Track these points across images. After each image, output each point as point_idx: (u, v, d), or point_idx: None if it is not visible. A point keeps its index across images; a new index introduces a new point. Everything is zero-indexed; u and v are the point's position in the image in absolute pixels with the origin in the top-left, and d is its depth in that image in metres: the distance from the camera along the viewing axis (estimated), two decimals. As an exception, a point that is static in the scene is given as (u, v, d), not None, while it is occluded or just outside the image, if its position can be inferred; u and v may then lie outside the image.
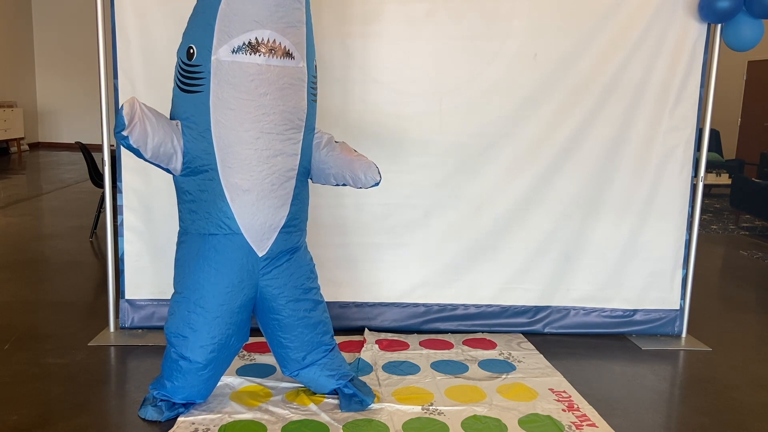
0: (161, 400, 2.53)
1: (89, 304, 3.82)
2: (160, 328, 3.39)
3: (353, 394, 2.64)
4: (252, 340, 3.29)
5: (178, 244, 2.53)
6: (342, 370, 2.70)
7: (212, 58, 2.27)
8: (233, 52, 2.25)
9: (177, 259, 2.53)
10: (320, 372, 2.65)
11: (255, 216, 2.40)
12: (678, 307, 3.56)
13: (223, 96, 2.30)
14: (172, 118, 2.43)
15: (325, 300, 3.45)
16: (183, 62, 2.35)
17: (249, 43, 2.25)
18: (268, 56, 2.28)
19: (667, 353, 3.37)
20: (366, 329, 3.44)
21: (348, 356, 3.11)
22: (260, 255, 2.45)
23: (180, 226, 2.53)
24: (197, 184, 2.40)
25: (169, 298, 3.34)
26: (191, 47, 2.31)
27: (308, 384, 2.70)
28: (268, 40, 2.27)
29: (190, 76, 2.32)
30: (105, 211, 3.49)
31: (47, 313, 3.67)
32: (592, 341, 3.48)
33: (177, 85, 2.38)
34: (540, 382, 2.93)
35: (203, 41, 2.28)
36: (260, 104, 2.32)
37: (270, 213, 2.43)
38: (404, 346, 3.30)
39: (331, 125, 3.29)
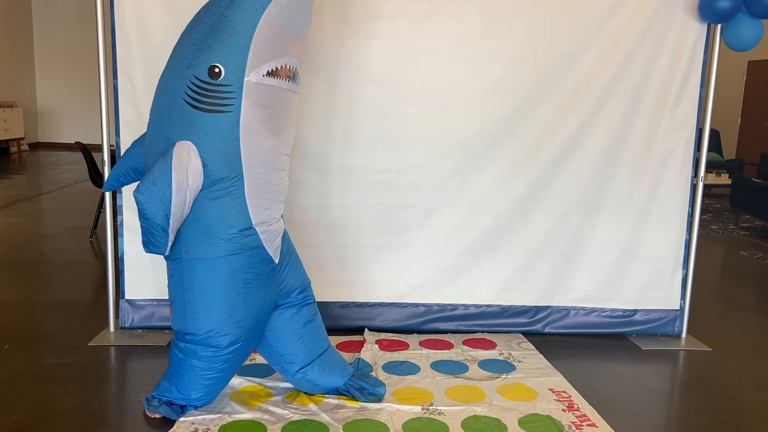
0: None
1: (89, 304, 3.82)
2: (160, 328, 3.40)
3: (362, 388, 2.66)
4: (252, 340, 3.30)
5: (187, 272, 2.38)
6: (345, 368, 2.73)
7: (245, 79, 2.25)
8: (264, 75, 2.28)
9: (191, 290, 2.39)
10: (320, 372, 2.64)
11: (272, 227, 2.44)
12: (678, 307, 3.56)
13: (253, 117, 2.30)
14: (168, 135, 2.30)
15: (325, 300, 3.47)
16: (203, 81, 2.25)
17: (279, 68, 2.31)
18: (287, 81, 2.36)
19: (667, 353, 3.37)
20: (366, 329, 3.44)
21: (348, 356, 3.11)
22: (276, 262, 2.49)
23: (183, 252, 2.37)
24: (218, 206, 2.32)
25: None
26: (217, 66, 2.24)
27: (313, 384, 2.66)
28: (290, 67, 2.36)
29: (215, 96, 2.25)
30: (105, 211, 3.49)
31: (47, 313, 3.67)
32: (592, 341, 3.48)
33: (191, 103, 2.26)
34: (540, 382, 2.93)
35: (234, 61, 2.24)
36: (282, 126, 2.40)
37: (281, 222, 2.51)
38: (404, 346, 3.30)
39: (331, 126, 3.30)
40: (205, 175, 2.28)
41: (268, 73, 2.29)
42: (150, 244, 2.29)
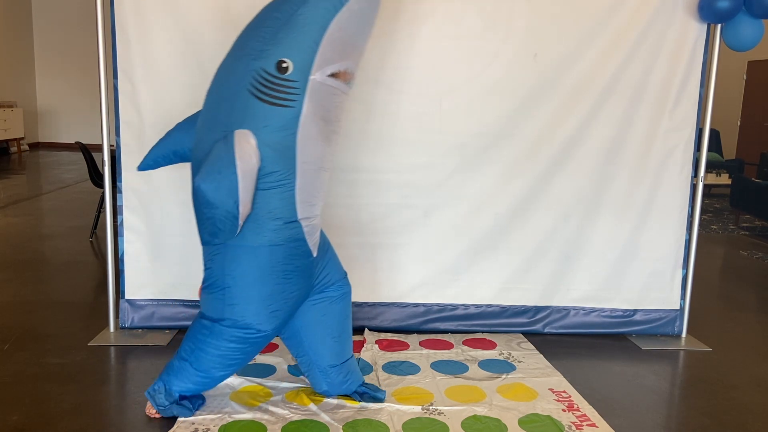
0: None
1: (89, 304, 3.82)
2: (160, 328, 3.40)
3: (364, 393, 2.69)
4: (252, 340, 3.30)
5: (230, 258, 2.39)
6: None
7: (310, 77, 2.30)
8: (327, 75, 2.33)
9: (232, 276, 2.40)
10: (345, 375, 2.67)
11: (313, 222, 2.48)
12: (678, 307, 3.56)
13: (312, 115, 2.34)
14: (228, 123, 2.32)
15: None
16: (271, 74, 2.28)
17: (341, 71, 2.38)
18: (345, 84, 2.43)
19: (667, 353, 3.37)
20: (366, 329, 3.44)
21: (348, 356, 3.11)
22: (314, 256, 2.52)
23: (207, 241, 2.42)
24: (267, 197, 2.34)
25: (171, 298, 3.39)
26: (285, 61, 2.27)
27: (333, 384, 2.67)
28: (350, 71, 2.43)
29: (281, 90, 2.29)
30: (105, 211, 3.49)
31: (47, 313, 3.67)
32: (592, 341, 3.48)
33: (255, 94, 2.29)
34: (540, 382, 2.93)
35: (302, 58, 2.28)
36: (334, 129, 2.46)
37: (320, 218, 2.55)
38: (404, 346, 3.30)
39: (331, 125, 3.30)
40: (259, 166, 2.32)
41: (331, 75, 2.35)
42: (218, 233, 2.30)
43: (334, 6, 2.26)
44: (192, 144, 2.49)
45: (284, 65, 2.28)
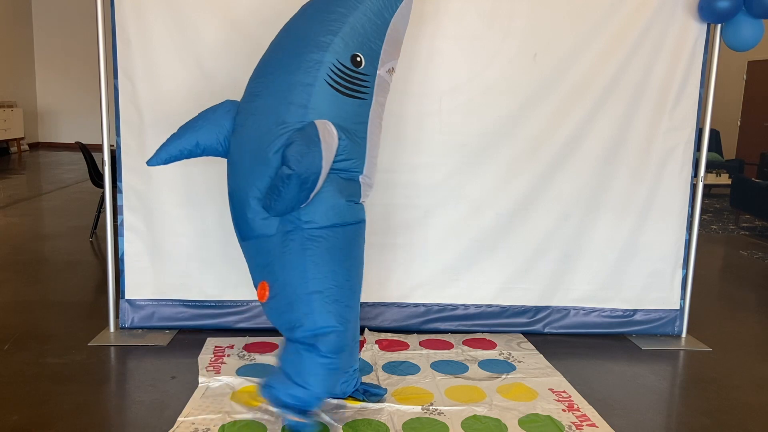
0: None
1: (89, 304, 3.82)
2: (160, 328, 3.40)
3: (365, 390, 2.69)
4: (251, 340, 3.30)
5: (315, 238, 2.38)
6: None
7: (377, 72, 2.49)
8: (386, 71, 2.55)
9: (318, 254, 2.38)
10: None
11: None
12: (678, 307, 3.56)
13: (376, 107, 2.53)
14: (302, 112, 2.36)
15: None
16: (348, 67, 2.41)
17: (392, 68, 2.61)
18: (390, 78, 2.62)
19: (667, 353, 3.37)
20: (366, 329, 3.44)
21: (348, 356, 3.11)
22: None
23: (302, 222, 2.38)
24: (338, 182, 2.44)
25: (171, 298, 3.39)
26: (358, 55, 2.42)
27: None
28: (395, 69, 2.66)
29: (357, 83, 2.44)
30: (105, 211, 3.49)
31: (47, 313, 3.67)
32: (592, 341, 3.48)
33: (332, 86, 2.38)
34: (540, 382, 2.93)
35: (371, 54, 2.47)
36: (382, 122, 2.63)
37: None
38: (404, 346, 3.30)
39: (331, 125, 3.29)
40: (338, 155, 2.41)
41: (388, 71, 2.56)
42: (294, 202, 2.30)
43: (392, 5, 2.49)
44: (225, 133, 2.49)
45: (358, 59, 2.43)
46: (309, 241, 2.37)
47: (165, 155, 2.53)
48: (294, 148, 2.25)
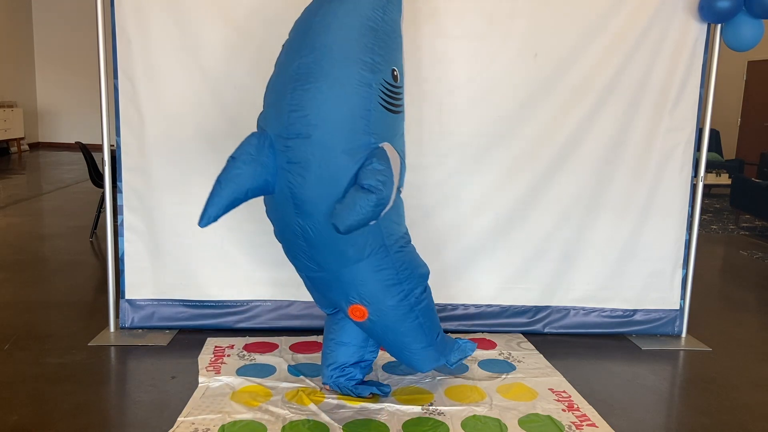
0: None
1: (89, 304, 3.82)
2: (160, 328, 3.40)
3: (372, 385, 2.74)
4: (251, 340, 3.30)
5: (388, 261, 2.54)
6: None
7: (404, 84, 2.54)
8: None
9: (408, 262, 2.63)
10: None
11: None
12: (678, 307, 3.56)
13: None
14: (367, 140, 2.34)
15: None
16: (390, 84, 2.39)
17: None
18: None
19: (667, 353, 3.37)
20: (366, 329, 3.43)
21: (348, 356, 3.11)
22: None
23: (383, 245, 2.52)
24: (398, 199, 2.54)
25: (171, 298, 3.39)
26: (395, 69, 2.43)
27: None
28: None
29: (398, 97, 2.45)
30: (105, 211, 3.49)
31: (47, 313, 3.67)
32: (592, 341, 3.48)
33: (385, 106, 2.37)
34: (540, 381, 2.93)
35: (401, 65, 2.49)
36: None
37: None
38: (404, 346, 3.29)
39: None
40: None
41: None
42: (365, 222, 2.28)
43: (400, 13, 2.51)
44: (271, 171, 2.37)
45: (395, 73, 2.42)
46: (397, 255, 2.57)
47: (214, 211, 2.35)
48: (372, 173, 2.25)
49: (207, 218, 2.33)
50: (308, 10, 2.44)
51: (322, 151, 2.29)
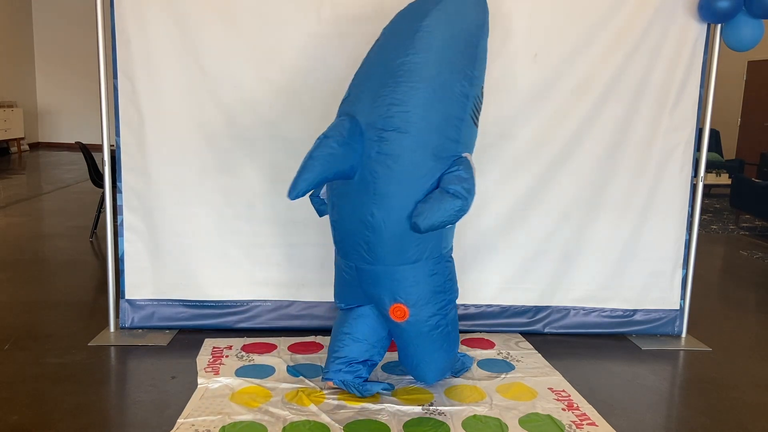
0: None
1: (89, 304, 3.82)
2: (160, 328, 3.40)
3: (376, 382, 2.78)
4: (249, 340, 3.30)
5: (441, 267, 2.63)
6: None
7: None
8: None
9: (452, 273, 2.72)
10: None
11: None
12: (678, 307, 3.56)
13: None
14: (455, 148, 2.48)
15: (325, 300, 3.46)
16: (479, 99, 2.57)
17: None
18: None
19: (667, 353, 3.37)
20: (366, 329, 3.43)
21: (348, 356, 3.11)
22: None
23: (440, 252, 2.61)
24: None
25: (171, 298, 3.39)
26: (483, 86, 2.60)
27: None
28: None
29: (479, 111, 2.59)
30: (105, 211, 3.49)
31: (47, 313, 3.67)
32: (592, 341, 3.48)
33: (472, 118, 2.54)
34: (539, 381, 2.93)
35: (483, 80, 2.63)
36: None
37: None
38: (404, 346, 3.29)
39: (331, 125, 3.29)
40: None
41: None
42: (443, 226, 2.42)
43: (488, 35, 2.67)
44: (357, 157, 2.41)
45: (483, 89, 2.61)
46: (447, 264, 2.67)
47: (305, 186, 2.35)
48: (458, 180, 2.38)
49: (297, 192, 2.33)
50: (412, 13, 2.52)
51: (415, 149, 2.39)
